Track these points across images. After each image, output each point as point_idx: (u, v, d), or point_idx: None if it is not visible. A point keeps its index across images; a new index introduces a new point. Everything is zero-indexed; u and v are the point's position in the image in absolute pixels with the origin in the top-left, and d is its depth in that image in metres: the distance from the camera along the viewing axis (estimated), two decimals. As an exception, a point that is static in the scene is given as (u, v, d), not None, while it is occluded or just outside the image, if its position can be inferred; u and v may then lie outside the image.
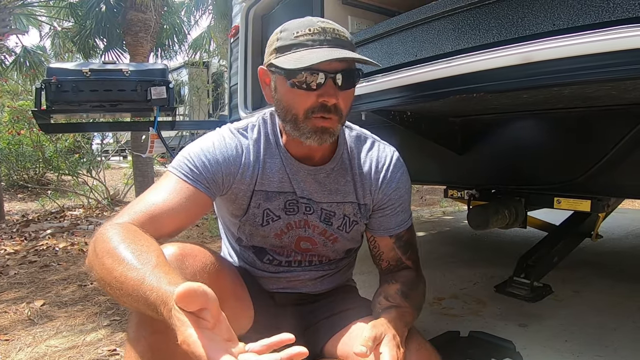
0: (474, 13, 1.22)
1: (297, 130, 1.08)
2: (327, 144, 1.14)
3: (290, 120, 1.08)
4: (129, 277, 0.78)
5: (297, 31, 1.02)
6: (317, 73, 1.00)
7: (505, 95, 1.34)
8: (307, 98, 1.03)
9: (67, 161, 7.11)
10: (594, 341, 1.77)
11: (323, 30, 1.01)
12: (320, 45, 1.00)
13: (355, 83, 1.08)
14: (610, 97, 1.29)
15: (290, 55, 1.02)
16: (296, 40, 1.02)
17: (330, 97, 1.01)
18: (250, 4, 2.69)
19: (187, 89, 11.07)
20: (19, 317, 2.41)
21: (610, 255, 3.08)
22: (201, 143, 1.15)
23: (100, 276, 0.85)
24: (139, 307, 0.79)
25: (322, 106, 1.03)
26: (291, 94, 1.05)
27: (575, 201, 1.65)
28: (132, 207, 1.01)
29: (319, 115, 1.04)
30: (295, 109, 1.05)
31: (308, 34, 1.01)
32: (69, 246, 4.18)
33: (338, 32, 1.03)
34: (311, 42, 1.00)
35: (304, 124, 1.06)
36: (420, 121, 1.83)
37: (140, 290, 0.76)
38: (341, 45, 1.02)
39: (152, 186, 1.09)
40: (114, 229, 0.91)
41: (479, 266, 2.88)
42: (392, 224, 1.26)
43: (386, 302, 1.14)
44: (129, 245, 0.85)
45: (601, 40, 0.91)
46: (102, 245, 0.87)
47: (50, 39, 9.94)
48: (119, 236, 0.88)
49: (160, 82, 3.39)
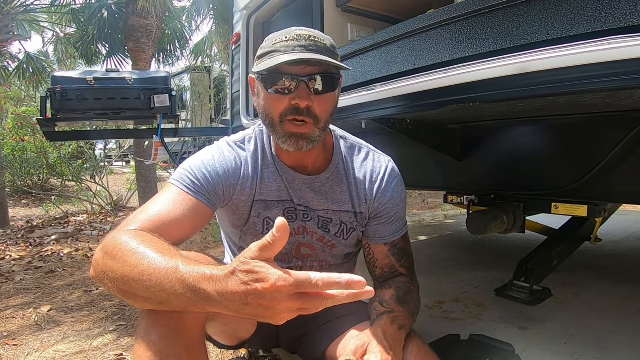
0: (471, 22, 1.24)
1: (275, 134, 1.12)
2: (313, 152, 1.19)
3: (268, 124, 1.13)
4: (158, 268, 0.81)
5: (276, 39, 1.07)
6: (288, 77, 1.04)
7: (502, 104, 1.36)
8: (281, 102, 1.07)
9: (71, 167, 7.14)
10: (593, 343, 1.78)
11: (298, 37, 1.05)
12: (292, 50, 1.03)
13: (333, 88, 1.10)
14: (605, 104, 1.31)
15: (264, 61, 1.06)
16: (273, 47, 1.06)
17: (301, 99, 1.04)
18: (251, 12, 2.71)
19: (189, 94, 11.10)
20: (26, 322, 2.44)
21: (610, 258, 3.10)
22: (201, 156, 1.18)
23: (121, 275, 0.86)
24: (166, 295, 0.81)
25: (295, 109, 1.06)
26: (268, 99, 1.09)
27: (573, 206, 1.67)
28: (137, 216, 1.04)
29: (291, 118, 1.07)
30: (272, 113, 1.09)
31: (283, 41, 1.05)
32: (74, 252, 4.21)
33: (314, 38, 1.06)
34: (284, 48, 1.04)
35: (279, 127, 1.10)
36: (419, 129, 1.85)
37: (174, 277, 0.79)
38: (315, 51, 1.04)
39: (154, 198, 1.11)
40: (125, 234, 0.93)
41: (480, 270, 2.89)
42: (387, 232, 1.29)
43: (381, 307, 1.16)
44: (149, 244, 0.88)
45: (594, 50, 0.92)
46: (120, 247, 0.89)
47: (53, 45, 10.03)
48: (136, 239, 0.90)
49: (163, 90, 3.43)
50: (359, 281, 0.71)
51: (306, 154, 1.18)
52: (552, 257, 2.22)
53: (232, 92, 3.20)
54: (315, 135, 1.10)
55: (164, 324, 0.92)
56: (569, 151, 1.64)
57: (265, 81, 1.07)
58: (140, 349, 0.92)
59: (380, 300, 1.19)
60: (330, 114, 1.13)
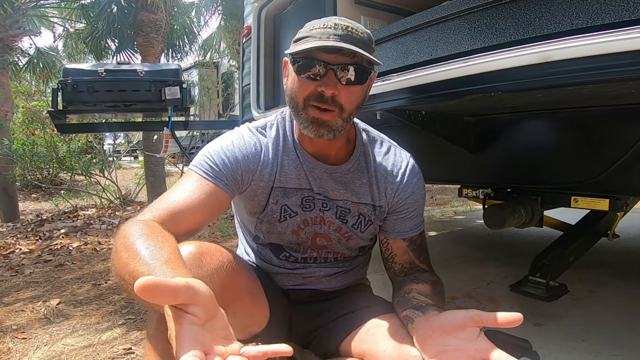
0: (491, 12, 1.22)
1: (298, 118, 1.12)
2: (336, 143, 1.18)
3: (293, 107, 1.12)
4: (139, 271, 0.78)
5: (314, 25, 1.06)
6: (319, 63, 1.03)
7: (521, 94, 1.33)
8: (308, 86, 1.06)
9: (80, 161, 7.17)
10: (610, 341, 1.75)
11: (335, 26, 1.03)
12: (327, 38, 1.02)
13: (362, 81, 1.08)
14: (629, 96, 1.28)
15: (299, 45, 1.05)
16: (309, 32, 1.05)
17: (327, 87, 1.03)
18: (262, 4, 2.69)
19: (198, 89, 11.12)
20: (35, 315, 2.44)
21: (626, 255, 3.06)
22: (221, 141, 1.17)
23: (117, 270, 0.85)
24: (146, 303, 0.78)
25: (319, 95, 1.05)
26: (296, 82, 1.08)
27: (593, 200, 1.64)
28: (155, 204, 1.03)
29: (314, 104, 1.06)
30: (297, 96, 1.08)
31: (321, 27, 1.04)
32: (83, 245, 4.21)
33: (352, 29, 1.04)
34: (319, 35, 1.03)
35: (302, 112, 1.09)
36: (434, 120, 1.83)
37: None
38: (350, 41, 1.02)
39: (175, 184, 1.11)
40: (135, 225, 0.92)
41: (492, 265, 2.86)
42: (407, 228, 1.27)
43: (425, 298, 1.10)
44: (146, 240, 0.86)
45: (621, 39, 0.90)
46: (122, 241, 0.88)
47: (62, 40, 10.06)
48: (138, 232, 0.89)
49: (174, 82, 3.43)
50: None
51: (329, 144, 1.16)
52: (568, 252, 2.18)
53: (242, 85, 3.18)
54: (337, 124, 1.08)
55: None
56: (590, 144, 1.61)
57: (296, 65, 1.06)
58: (151, 342, 0.91)
59: (421, 292, 1.14)
60: (357, 107, 1.11)
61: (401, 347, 0.99)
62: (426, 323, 0.97)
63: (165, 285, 0.63)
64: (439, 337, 0.91)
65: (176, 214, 1.01)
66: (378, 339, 1.08)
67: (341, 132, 1.12)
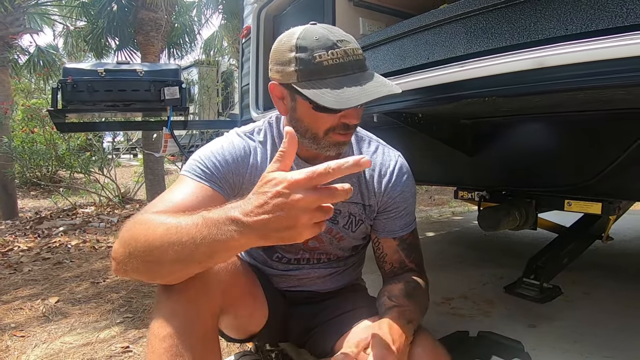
0: (486, 17, 1.23)
1: (317, 145, 1.11)
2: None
3: (309, 137, 1.10)
4: (183, 222, 0.83)
5: (319, 54, 1.00)
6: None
7: (517, 98, 1.34)
8: (330, 119, 1.05)
9: (79, 159, 7.17)
10: (603, 343, 1.77)
11: (345, 54, 1.01)
12: (345, 72, 1.01)
13: None
14: (623, 101, 1.30)
15: (320, 88, 0.99)
16: (320, 65, 1.00)
17: (353, 118, 1.06)
18: (261, 5, 2.70)
19: (197, 88, 11.12)
20: (34, 313, 2.45)
21: (620, 257, 3.07)
22: (211, 146, 1.18)
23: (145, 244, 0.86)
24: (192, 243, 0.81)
25: (345, 125, 1.07)
26: (314, 116, 1.06)
27: (586, 204, 1.66)
28: (154, 204, 1.02)
29: (338, 133, 1.08)
30: (317, 128, 1.08)
31: (332, 59, 1.00)
32: (81, 243, 4.23)
33: (355, 51, 1.03)
34: (335, 69, 1.00)
35: (324, 140, 1.09)
36: (431, 123, 1.84)
37: (200, 222, 0.81)
38: (362, 68, 1.04)
39: (168, 189, 1.11)
40: (148, 215, 0.93)
41: (488, 267, 2.88)
42: (397, 227, 1.28)
43: (389, 302, 1.15)
44: (173, 214, 0.89)
45: (616, 46, 0.91)
46: (148, 224, 0.89)
47: (63, 38, 10.06)
48: (160, 216, 0.90)
49: (174, 82, 3.44)
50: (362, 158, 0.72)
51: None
52: (562, 254, 2.19)
53: (241, 85, 3.19)
54: (352, 138, 1.13)
55: (181, 314, 0.92)
56: (584, 148, 1.62)
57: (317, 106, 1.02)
58: (155, 341, 0.91)
59: (389, 294, 1.18)
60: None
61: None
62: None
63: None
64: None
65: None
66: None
67: None
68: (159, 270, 0.88)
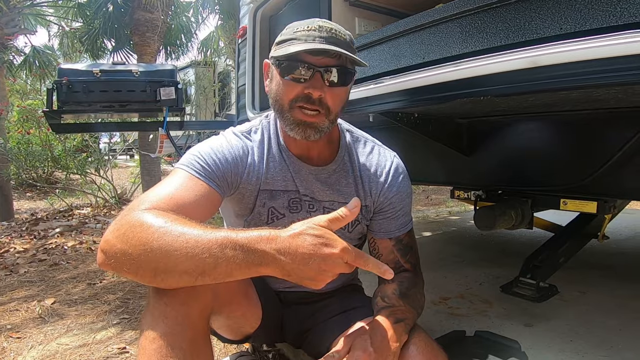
0: (481, 16, 1.23)
1: (283, 120, 1.13)
2: (318, 143, 1.19)
3: (277, 109, 1.13)
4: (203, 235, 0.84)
5: (297, 28, 1.07)
6: (305, 65, 1.04)
7: (512, 98, 1.34)
8: (293, 88, 1.07)
9: (75, 160, 7.15)
10: (599, 341, 1.77)
11: (320, 28, 1.05)
12: (313, 40, 1.04)
13: (346, 82, 1.10)
14: (617, 100, 1.30)
15: (283, 47, 1.07)
16: (293, 35, 1.07)
17: (315, 89, 1.05)
18: (258, 5, 2.70)
19: (194, 88, 11.11)
20: (30, 315, 2.45)
21: (617, 256, 3.08)
22: (210, 143, 1.17)
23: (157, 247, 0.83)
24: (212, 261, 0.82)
25: (306, 97, 1.06)
26: (281, 85, 1.09)
27: (582, 203, 1.66)
28: (147, 197, 0.98)
29: (300, 105, 1.07)
30: (282, 99, 1.10)
31: (305, 30, 1.06)
32: (78, 245, 4.21)
33: (336, 31, 1.06)
34: (304, 37, 1.05)
35: (288, 113, 1.10)
36: (427, 123, 1.84)
37: (224, 241, 0.83)
38: (334, 43, 1.04)
39: (161, 182, 1.07)
40: (145, 213, 0.90)
41: (485, 266, 2.88)
42: (393, 227, 1.28)
43: (382, 302, 1.15)
44: (182, 221, 0.88)
45: (609, 45, 0.92)
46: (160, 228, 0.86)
47: (58, 39, 10.03)
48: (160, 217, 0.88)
49: (169, 82, 3.44)
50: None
51: (312, 144, 1.18)
52: (558, 254, 2.20)
53: (238, 86, 3.19)
54: (324, 125, 1.10)
55: (172, 316, 0.91)
56: (579, 147, 1.63)
57: (281, 67, 1.07)
58: (145, 342, 0.91)
59: (382, 295, 1.18)
60: (341, 107, 1.14)
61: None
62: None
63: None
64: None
65: (174, 209, 0.96)
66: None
67: (326, 132, 1.13)
68: (164, 278, 0.86)
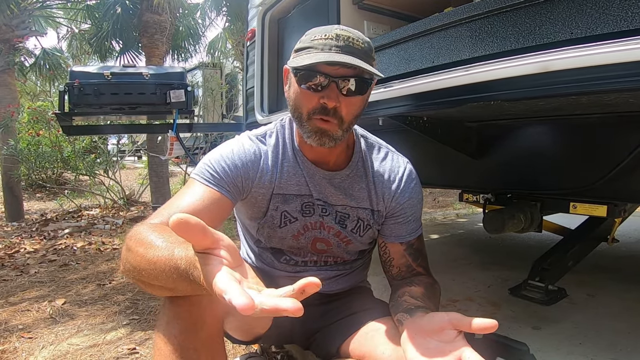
0: (491, 21, 1.24)
1: (301, 128, 1.14)
2: (336, 149, 1.20)
3: (297, 117, 1.14)
4: (160, 256, 0.82)
5: (315, 35, 1.08)
6: (321, 75, 1.04)
7: (522, 102, 1.35)
8: (311, 99, 1.08)
9: (84, 161, 7.20)
10: (607, 345, 1.76)
11: (337, 37, 1.05)
12: (329, 49, 1.04)
13: (362, 92, 1.10)
14: (628, 104, 1.30)
15: (300, 56, 1.07)
16: (311, 43, 1.07)
17: (330, 100, 1.05)
18: (266, 8, 2.72)
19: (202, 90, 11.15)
20: (41, 315, 2.47)
21: (626, 259, 3.06)
22: (221, 150, 1.20)
23: (134, 265, 0.88)
24: (172, 283, 0.82)
25: (322, 108, 1.07)
26: (299, 94, 1.10)
27: (592, 206, 1.66)
28: (160, 211, 1.06)
29: (318, 117, 1.08)
30: (301, 108, 1.11)
31: (322, 38, 1.06)
32: (87, 245, 4.25)
33: (353, 40, 1.06)
34: (321, 46, 1.05)
35: (307, 123, 1.11)
36: (436, 126, 1.85)
37: (172, 263, 0.79)
38: (351, 53, 1.05)
39: (178, 193, 1.14)
40: (144, 226, 0.96)
41: (493, 269, 2.87)
42: (404, 232, 1.29)
43: (415, 301, 1.12)
44: (159, 234, 0.89)
45: (620, 50, 0.91)
46: (136, 238, 0.91)
47: (67, 41, 10.10)
48: (149, 230, 0.92)
49: (179, 85, 3.46)
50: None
51: (329, 150, 1.19)
52: (567, 257, 2.19)
53: (246, 88, 3.20)
54: (338, 135, 1.11)
55: (185, 317, 0.93)
56: (589, 150, 1.62)
57: (297, 75, 1.08)
58: (160, 342, 0.93)
59: (413, 295, 1.16)
60: (356, 116, 1.14)
61: (399, 350, 1.01)
62: (411, 325, 0.98)
63: (196, 223, 0.67)
64: (420, 339, 0.93)
65: None
66: (377, 342, 1.10)
67: (341, 140, 1.14)
68: (153, 290, 0.93)
